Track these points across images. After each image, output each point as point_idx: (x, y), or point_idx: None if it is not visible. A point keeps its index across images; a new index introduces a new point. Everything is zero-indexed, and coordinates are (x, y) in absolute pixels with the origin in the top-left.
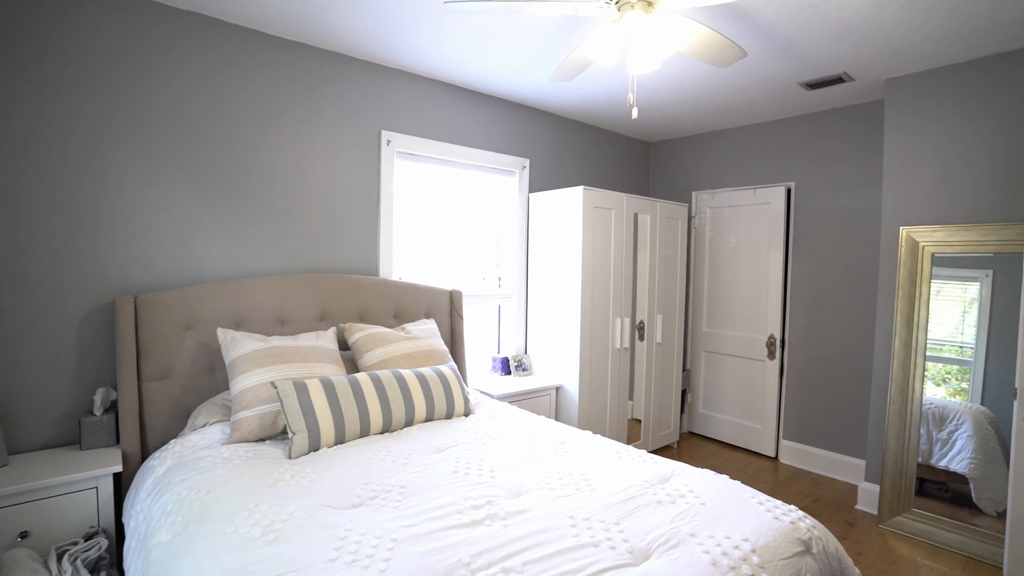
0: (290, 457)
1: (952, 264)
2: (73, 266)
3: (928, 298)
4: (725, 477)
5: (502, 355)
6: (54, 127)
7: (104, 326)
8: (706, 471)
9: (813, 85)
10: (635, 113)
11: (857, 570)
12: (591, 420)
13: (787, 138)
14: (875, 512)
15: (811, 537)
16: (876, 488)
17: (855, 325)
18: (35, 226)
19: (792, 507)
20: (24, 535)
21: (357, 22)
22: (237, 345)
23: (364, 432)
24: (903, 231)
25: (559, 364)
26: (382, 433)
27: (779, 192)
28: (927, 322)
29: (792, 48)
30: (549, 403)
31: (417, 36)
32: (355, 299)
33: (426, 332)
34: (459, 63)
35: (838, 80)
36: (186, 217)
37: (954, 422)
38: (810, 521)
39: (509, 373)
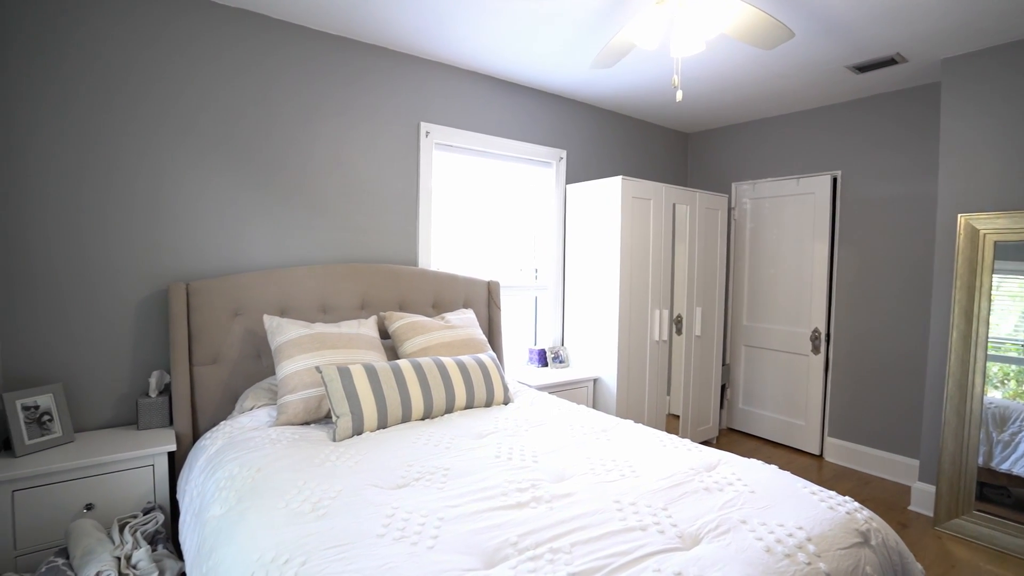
0: (334, 440)
1: (1016, 256)
2: (130, 254)
3: (989, 288)
4: (774, 467)
5: (539, 347)
6: (110, 124)
7: (158, 312)
8: (754, 460)
9: (863, 68)
10: (679, 96)
11: (919, 566)
12: (629, 413)
13: (833, 125)
14: (930, 514)
15: (869, 529)
16: (932, 488)
17: (907, 318)
18: (95, 216)
19: (847, 498)
20: (89, 507)
21: (397, 15)
22: (283, 331)
23: (406, 417)
24: (961, 218)
25: (596, 356)
26: (423, 419)
27: (824, 181)
28: (988, 314)
29: (841, 28)
30: (586, 395)
31: (455, 28)
32: (395, 288)
33: (465, 321)
34: (496, 54)
35: (890, 62)
36: (234, 207)
37: (1017, 423)
38: (867, 513)
39: (546, 365)
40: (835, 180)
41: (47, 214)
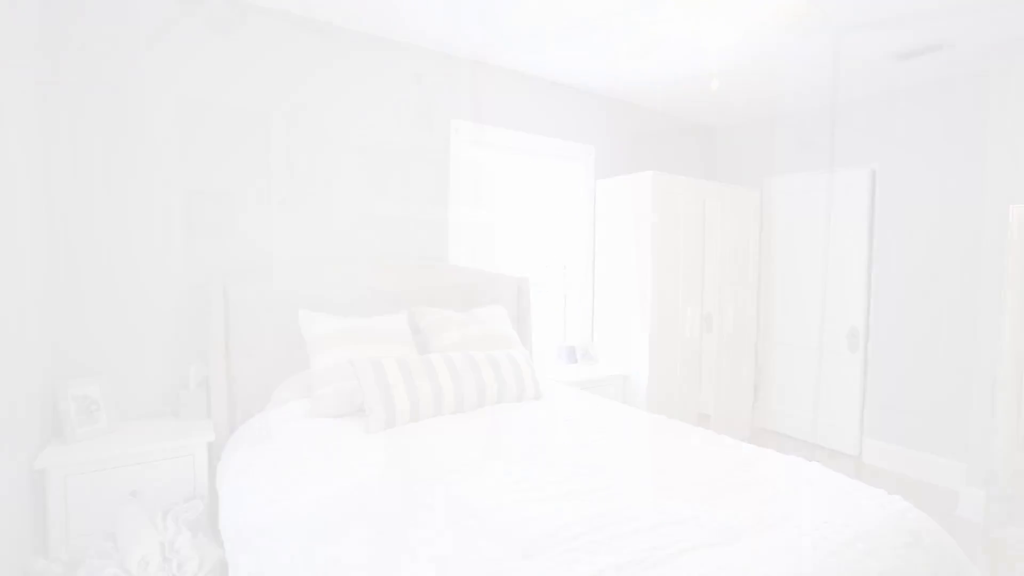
0: (368, 431)
1: None
2: (169, 251)
3: None
4: (816, 464)
5: (568, 343)
6: (148, 122)
7: (197, 307)
8: (794, 457)
9: (906, 56)
10: (715, 84)
11: (976, 570)
12: (659, 411)
13: (871, 117)
14: (981, 520)
15: (921, 528)
16: (982, 494)
17: (950, 314)
18: (138, 213)
19: (896, 497)
20: (134, 493)
21: (433, 10)
22: (316, 325)
23: (437, 411)
24: (1014, 208)
25: (625, 353)
26: (455, 413)
27: (861, 175)
28: None
29: (883, 13)
30: (616, 393)
31: (487, 25)
32: (426, 284)
33: (495, 317)
34: (528, 51)
35: (935, 48)
36: (269, 205)
37: None
38: (918, 512)
39: (575, 362)
40: (873, 173)
41: (91, 213)
